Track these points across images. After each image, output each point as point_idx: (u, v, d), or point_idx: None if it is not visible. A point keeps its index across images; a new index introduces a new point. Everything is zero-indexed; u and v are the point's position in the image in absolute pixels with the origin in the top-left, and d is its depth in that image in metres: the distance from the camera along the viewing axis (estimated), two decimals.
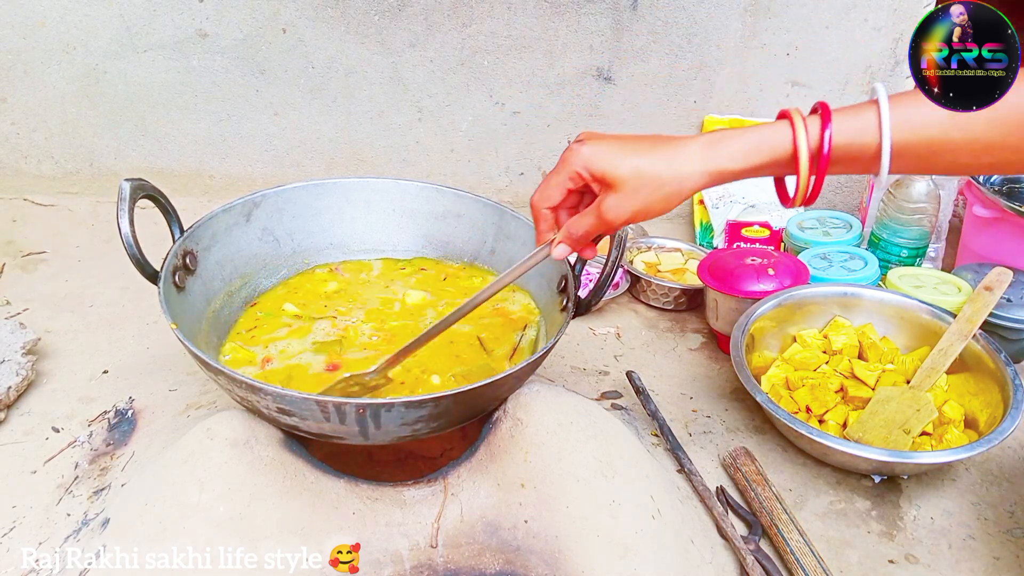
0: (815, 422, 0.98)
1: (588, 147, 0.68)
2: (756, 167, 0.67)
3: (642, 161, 0.67)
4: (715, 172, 0.67)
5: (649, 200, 0.67)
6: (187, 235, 0.89)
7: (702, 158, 0.66)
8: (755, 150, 0.66)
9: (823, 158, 0.65)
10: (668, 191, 0.67)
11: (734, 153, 0.66)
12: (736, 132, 0.67)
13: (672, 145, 0.67)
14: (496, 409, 0.84)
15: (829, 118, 0.66)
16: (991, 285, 1.05)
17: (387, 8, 1.37)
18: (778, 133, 0.66)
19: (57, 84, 1.41)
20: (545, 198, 0.72)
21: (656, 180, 0.66)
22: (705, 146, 0.67)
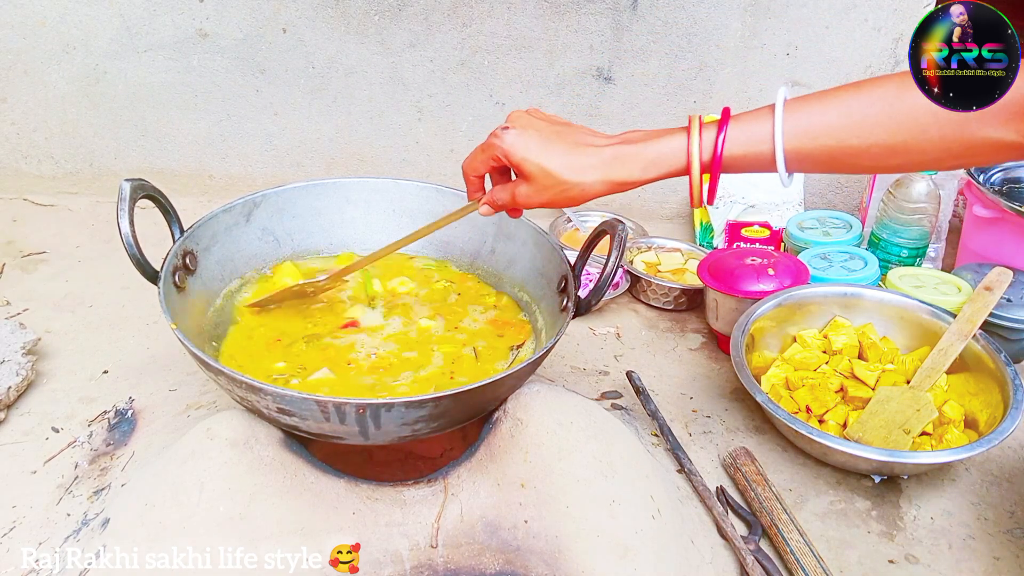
0: (815, 422, 0.98)
1: (511, 135, 0.74)
2: (652, 179, 0.73)
3: (551, 163, 0.73)
4: (613, 183, 0.73)
5: (554, 197, 0.74)
6: (187, 235, 0.89)
7: (604, 171, 0.73)
8: (653, 164, 0.72)
9: (715, 165, 0.71)
10: (572, 194, 0.74)
11: (632, 169, 0.73)
12: (636, 146, 0.73)
13: (582, 150, 0.73)
14: (496, 409, 0.84)
15: (725, 126, 0.71)
16: (991, 285, 1.05)
17: (387, 8, 1.37)
18: (674, 145, 0.72)
19: (57, 84, 1.41)
20: (472, 167, 0.79)
21: (561, 183, 0.73)
22: (607, 161, 0.73)
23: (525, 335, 0.94)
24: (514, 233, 1.00)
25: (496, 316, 0.97)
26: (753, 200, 1.41)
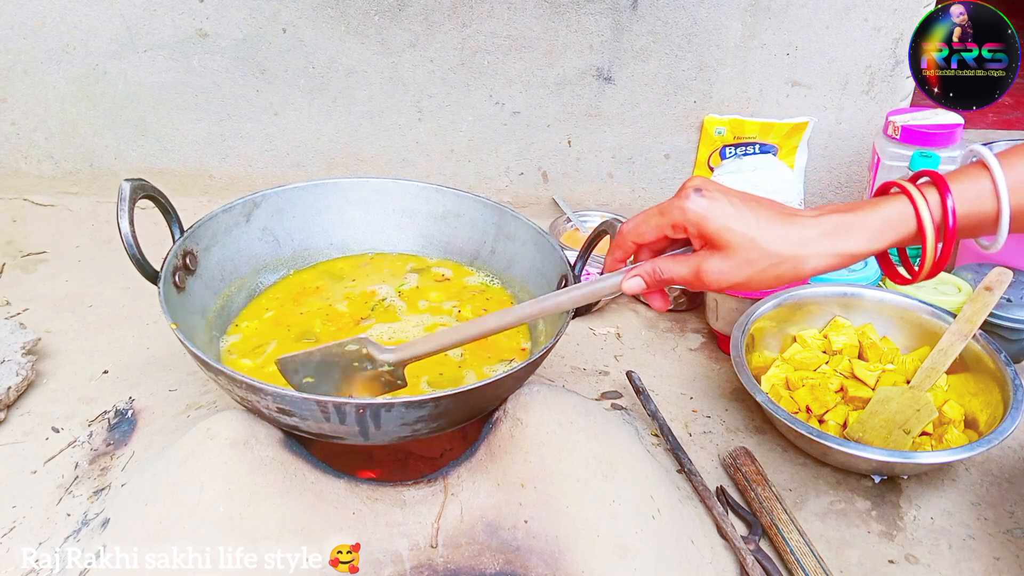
0: (815, 422, 0.98)
1: (707, 200, 0.62)
2: (882, 248, 0.64)
3: (764, 232, 0.62)
4: (840, 256, 0.63)
5: (760, 275, 0.63)
6: (187, 235, 0.89)
7: (826, 249, 0.63)
8: (881, 233, 0.63)
9: (948, 231, 0.62)
10: (784, 270, 0.63)
11: (859, 240, 0.63)
12: (857, 216, 0.64)
13: (797, 220, 0.64)
14: (496, 409, 0.84)
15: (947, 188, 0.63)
16: (991, 285, 1.05)
17: (387, 8, 1.37)
18: (899, 211, 0.63)
19: (57, 84, 1.41)
20: (638, 233, 0.67)
21: (774, 256, 0.62)
22: (829, 232, 0.63)
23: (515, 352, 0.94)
24: (514, 233, 1.01)
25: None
26: None
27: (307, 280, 1.02)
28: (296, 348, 0.89)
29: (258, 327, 0.94)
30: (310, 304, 0.97)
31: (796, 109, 1.44)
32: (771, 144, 1.45)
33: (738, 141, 1.45)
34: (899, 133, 1.28)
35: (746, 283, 0.63)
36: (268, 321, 0.95)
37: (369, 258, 1.06)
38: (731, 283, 0.63)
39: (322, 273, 1.03)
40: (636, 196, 1.52)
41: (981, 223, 0.63)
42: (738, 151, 1.45)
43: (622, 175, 1.50)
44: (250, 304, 0.97)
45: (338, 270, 1.04)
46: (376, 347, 0.78)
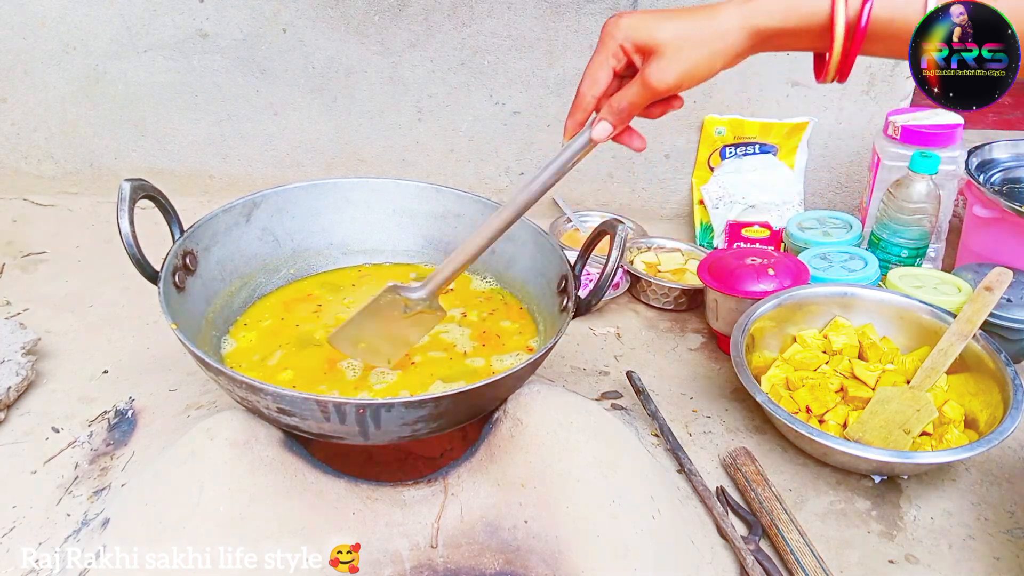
0: (815, 422, 0.98)
1: (626, 20, 0.67)
2: (793, 29, 0.65)
3: (682, 23, 0.66)
4: (753, 28, 0.65)
5: (694, 59, 0.65)
6: (187, 235, 0.89)
7: (740, 14, 0.65)
8: (792, 10, 0.65)
9: (859, 31, 0.63)
10: (711, 49, 0.66)
11: (772, 10, 0.65)
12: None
13: (709, 7, 0.67)
14: (496, 409, 0.84)
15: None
16: (991, 285, 1.05)
17: (387, 8, 1.37)
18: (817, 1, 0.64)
19: (57, 84, 1.41)
20: (593, 82, 0.69)
21: (698, 38, 0.65)
22: (741, 3, 0.66)
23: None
24: (514, 233, 1.00)
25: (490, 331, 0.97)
26: (753, 200, 1.41)
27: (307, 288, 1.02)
28: (300, 356, 0.90)
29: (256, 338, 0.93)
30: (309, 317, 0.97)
31: (796, 109, 1.44)
32: (771, 144, 1.45)
33: (738, 141, 1.45)
34: (899, 133, 1.28)
35: (689, 71, 0.66)
36: (266, 331, 0.94)
37: (368, 268, 1.05)
38: (676, 75, 0.66)
39: (321, 284, 1.03)
40: (636, 196, 1.52)
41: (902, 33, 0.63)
42: (738, 151, 1.45)
43: (622, 175, 1.50)
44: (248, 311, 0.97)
45: (338, 281, 1.03)
46: (407, 289, 0.83)
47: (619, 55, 0.68)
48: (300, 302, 0.99)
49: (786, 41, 0.67)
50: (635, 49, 0.67)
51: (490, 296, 1.01)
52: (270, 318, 0.96)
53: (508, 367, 0.88)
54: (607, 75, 0.69)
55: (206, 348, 0.86)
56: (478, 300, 1.00)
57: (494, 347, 0.92)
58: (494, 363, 0.90)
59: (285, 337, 0.93)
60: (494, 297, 1.01)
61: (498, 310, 0.99)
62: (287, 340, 0.92)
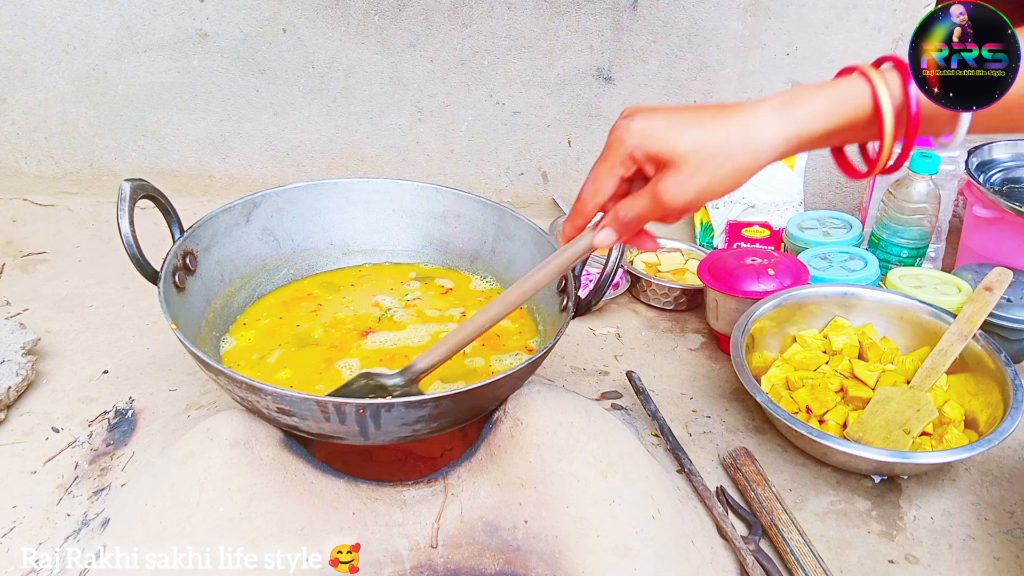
0: (815, 422, 0.98)
1: (640, 121, 0.59)
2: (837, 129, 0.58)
3: (707, 132, 0.57)
4: (795, 137, 0.58)
5: (717, 175, 0.57)
6: (187, 235, 0.89)
7: (779, 121, 0.58)
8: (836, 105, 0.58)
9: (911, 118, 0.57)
10: (739, 163, 0.57)
11: (815, 113, 0.58)
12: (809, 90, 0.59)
13: (738, 112, 0.58)
14: (496, 409, 0.84)
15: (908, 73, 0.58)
16: (991, 285, 1.05)
17: (387, 8, 1.37)
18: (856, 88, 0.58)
19: (57, 84, 1.41)
20: (596, 190, 0.62)
21: (725, 152, 0.57)
22: (779, 108, 0.58)
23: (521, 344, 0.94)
24: (514, 233, 1.00)
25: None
26: (753, 200, 1.41)
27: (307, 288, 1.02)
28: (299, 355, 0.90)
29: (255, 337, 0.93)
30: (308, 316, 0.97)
31: None
32: None
33: None
34: None
35: (709, 188, 0.58)
36: (265, 329, 0.94)
37: (368, 268, 1.05)
38: (694, 193, 0.58)
39: (321, 284, 1.03)
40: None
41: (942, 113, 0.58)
42: None
43: None
44: (247, 310, 0.97)
45: (338, 280, 1.03)
46: (382, 375, 0.79)
47: (628, 164, 0.60)
48: (299, 301, 0.99)
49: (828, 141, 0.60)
50: (647, 159, 0.59)
51: (490, 296, 1.01)
52: (269, 317, 0.96)
53: (508, 367, 0.88)
54: (613, 183, 0.62)
55: (206, 348, 0.86)
56: (478, 300, 1.00)
57: (494, 347, 0.92)
58: (494, 363, 0.90)
59: (284, 336, 0.93)
60: (494, 296, 1.01)
61: None
62: (286, 339, 0.92)
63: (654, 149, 0.58)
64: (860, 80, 0.59)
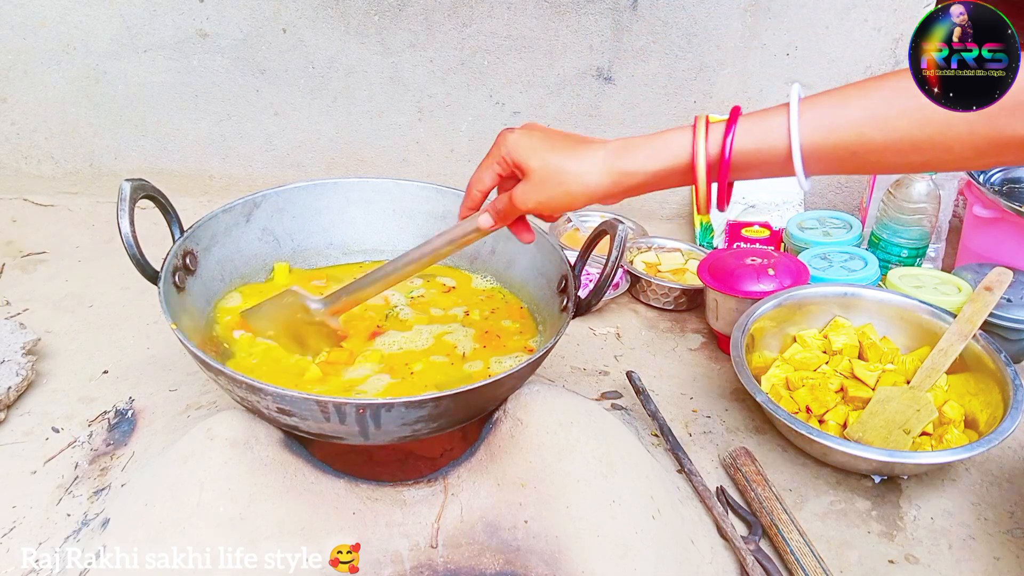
0: (815, 422, 0.98)
1: (514, 136, 0.72)
2: (657, 173, 0.68)
3: (552, 157, 0.70)
4: (616, 173, 0.69)
5: (552, 193, 0.70)
6: (187, 235, 0.89)
7: (606, 160, 0.69)
8: (656, 155, 0.68)
9: (723, 164, 0.66)
10: (570, 188, 0.69)
11: (636, 157, 0.68)
12: (643, 139, 0.69)
13: (585, 146, 0.70)
14: (496, 409, 0.84)
15: (734, 123, 0.66)
16: (991, 285, 1.05)
17: (387, 8, 1.37)
18: (680, 139, 0.68)
19: (57, 84, 1.41)
20: (478, 180, 0.76)
21: (559, 176, 0.69)
22: (612, 151, 0.69)
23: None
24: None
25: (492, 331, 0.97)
26: (753, 200, 1.41)
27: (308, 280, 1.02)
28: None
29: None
30: None
31: None
32: None
33: None
34: None
35: (546, 202, 0.71)
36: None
37: (369, 266, 1.05)
38: (535, 202, 0.71)
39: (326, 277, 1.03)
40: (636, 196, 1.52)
41: (772, 159, 0.65)
42: None
43: None
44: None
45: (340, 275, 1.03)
46: (308, 298, 0.88)
47: (502, 164, 0.73)
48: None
49: (653, 184, 0.69)
50: (513, 164, 0.72)
51: (491, 295, 1.01)
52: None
53: (508, 367, 0.88)
54: (491, 177, 0.75)
55: (206, 348, 0.86)
56: (479, 299, 1.00)
57: (494, 347, 0.92)
58: (493, 365, 0.90)
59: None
60: (495, 296, 1.01)
61: (499, 309, 0.99)
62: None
63: (516, 158, 0.72)
64: (687, 132, 0.68)
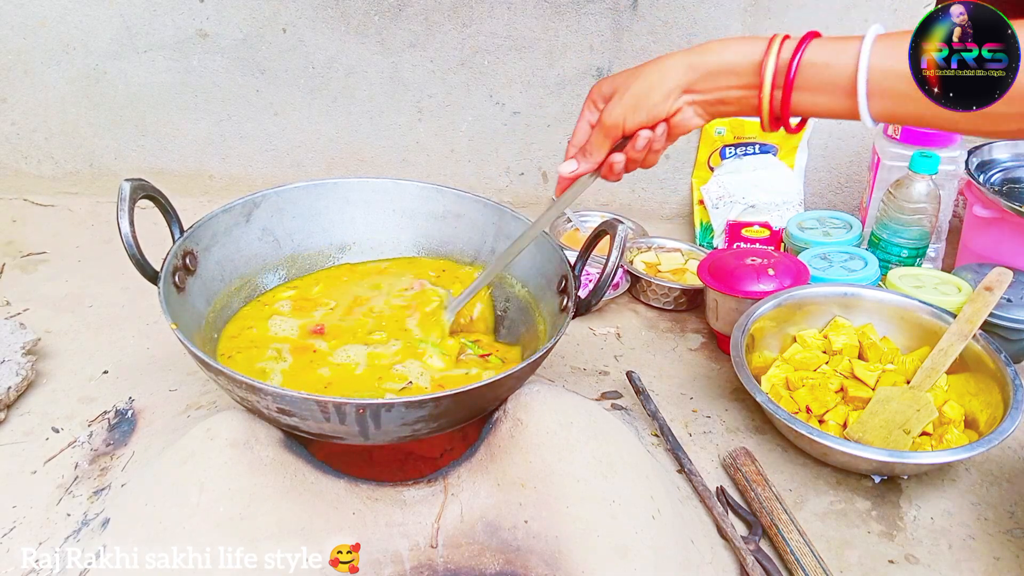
0: (815, 422, 0.98)
1: (601, 80, 0.78)
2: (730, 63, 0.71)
3: (634, 69, 0.75)
4: (690, 63, 0.72)
5: (635, 95, 0.73)
6: (187, 235, 0.89)
7: (682, 53, 0.73)
8: (730, 48, 0.71)
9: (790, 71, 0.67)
10: (649, 82, 0.72)
11: (712, 47, 0.72)
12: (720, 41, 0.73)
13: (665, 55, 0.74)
14: (496, 409, 0.84)
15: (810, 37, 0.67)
16: (991, 285, 1.05)
17: (387, 8, 1.37)
18: (756, 42, 0.70)
19: (57, 84, 1.41)
20: (575, 138, 0.79)
21: (643, 75, 0.73)
22: (689, 48, 0.73)
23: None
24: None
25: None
26: (753, 200, 1.41)
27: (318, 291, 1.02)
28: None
29: None
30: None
31: None
32: (771, 144, 1.45)
33: (738, 141, 1.45)
34: (899, 133, 1.28)
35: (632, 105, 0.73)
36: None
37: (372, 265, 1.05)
38: (622, 110, 0.74)
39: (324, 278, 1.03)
40: (636, 196, 1.52)
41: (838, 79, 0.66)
42: (738, 151, 1.45)
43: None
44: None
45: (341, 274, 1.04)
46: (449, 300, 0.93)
47: (592, 109, 0.78)
48: (336, 284, 1.00)
49: (722, 79, 0.72)
50: (603, 99, 0.77)
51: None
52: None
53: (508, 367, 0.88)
54: (585, 128, 0.79)
55: (206, 348, 0.86)
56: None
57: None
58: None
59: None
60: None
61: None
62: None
63: (606, 89, 0.77)
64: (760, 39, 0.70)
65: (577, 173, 0.79)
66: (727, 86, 0.72)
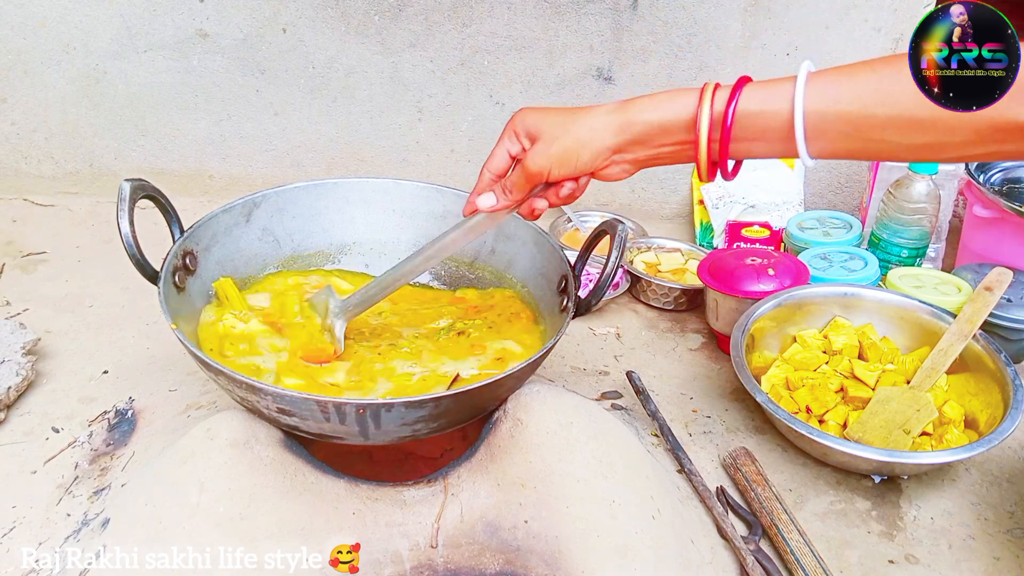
0: (815, 422, 0.98)
1: (526, 111, 0.75)
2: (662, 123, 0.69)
3: (563, 116, 0.72)
4: (622, 120, 0.70)
5: (563, 147, 0.71)
6: (187, 235, 0.89)
7: (613, 110, 0.71)
8: (661, 106, 0.69)
9: (726, 124, 0.66)
10: (578, 139, 0.70)
11: (643, 106, 0.70)
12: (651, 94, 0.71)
13: (597, 106, 0.72)
14: (496, 409, 0.84)
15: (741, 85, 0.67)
16: (991, 285, 1.05)
17: (387, 8, 1.37)
18: (686, 96, 0.69)
19: (57, 84, 1.41)
20: (490, 162, 0.77)
21: (570, 127, 0.71)
22: (619, 103, 0.71)
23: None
24: (514, 233, 1.00)
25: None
26: (753, 200, 1.41)
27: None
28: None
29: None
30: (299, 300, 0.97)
31: None
32: None
33: None
34: None
35: (558, 159, 0.71)
36: None
37: None
38: (547, 161, 0.72)
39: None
40: (636, 196, 1.52)
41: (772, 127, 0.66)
42: None
43: None
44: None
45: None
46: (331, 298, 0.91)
47: (514, 140, 0.75)
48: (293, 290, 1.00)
49: (654, 139, 0.70)
50: (526, 135, 0.75)
51: (494, 293, 1.01)
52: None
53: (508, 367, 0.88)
54: (504, 157, 0.76)
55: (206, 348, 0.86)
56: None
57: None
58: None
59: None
60: (496, 295, 1.01)
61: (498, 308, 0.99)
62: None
63: (529, 127, 0.74)
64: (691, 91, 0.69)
65: (495, 208, 0.77)
66: (659, 144, 0.71)
